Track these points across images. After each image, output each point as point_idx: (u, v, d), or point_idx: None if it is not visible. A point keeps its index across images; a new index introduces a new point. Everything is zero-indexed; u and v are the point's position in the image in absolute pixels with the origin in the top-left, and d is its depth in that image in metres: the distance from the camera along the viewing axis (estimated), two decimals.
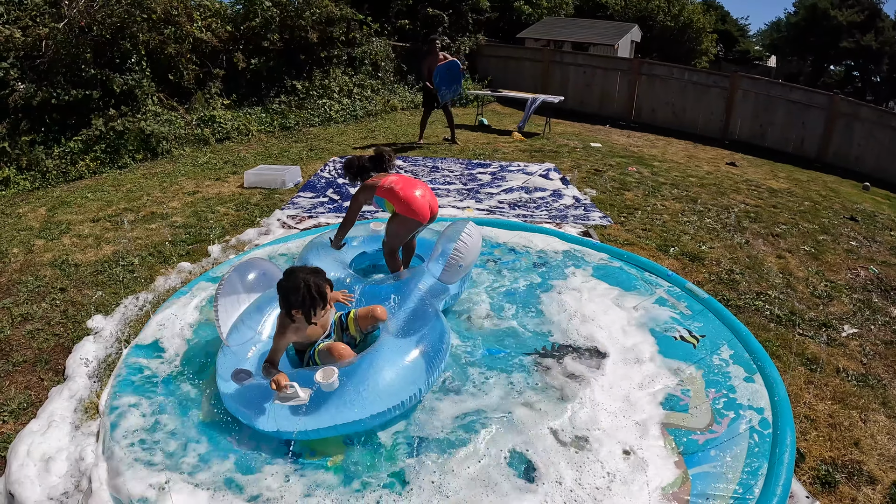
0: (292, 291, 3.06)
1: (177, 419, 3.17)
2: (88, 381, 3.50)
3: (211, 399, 3.32)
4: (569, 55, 18.20)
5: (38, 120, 9.02)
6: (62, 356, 3.84)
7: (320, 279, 3.12)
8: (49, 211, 6.88)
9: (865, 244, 7.18)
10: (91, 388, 3.45)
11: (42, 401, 3.39)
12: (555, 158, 10.44)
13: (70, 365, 3.65)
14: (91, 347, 3.83)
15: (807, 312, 4.98)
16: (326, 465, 2.90)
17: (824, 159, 13.98)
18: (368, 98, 14.81)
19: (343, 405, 3.00)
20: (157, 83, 10.48)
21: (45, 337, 4.09)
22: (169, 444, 2.98)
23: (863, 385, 3.97)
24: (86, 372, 3.56)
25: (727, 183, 9.79)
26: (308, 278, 3.07)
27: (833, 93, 14.25)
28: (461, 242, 3.90)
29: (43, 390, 3.51)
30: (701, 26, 27.79)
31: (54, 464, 2.83)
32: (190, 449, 2.96)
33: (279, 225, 6.33)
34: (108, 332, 4.04)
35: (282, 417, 2.97)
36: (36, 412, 3.27)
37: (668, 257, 5.89)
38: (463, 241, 3.91)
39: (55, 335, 4.11)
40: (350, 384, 3.05)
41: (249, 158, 9.64)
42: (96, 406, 3.29)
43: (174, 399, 3.33)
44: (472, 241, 3.98)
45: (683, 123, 15.83)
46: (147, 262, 5.31)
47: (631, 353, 3.88)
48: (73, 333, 4.11)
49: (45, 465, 2.82)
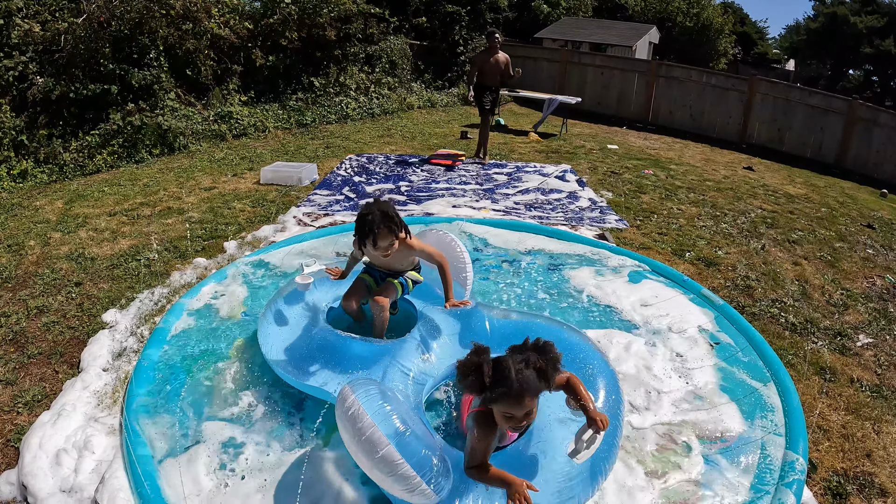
0: None
1: (195, 413, 3.20)
2: (103, 373, 3.54)
3: (229, 395, 3.34)
4: (586, 56, 18.14)
5: (56, 114, 9.10)
6: (77, 349, 3.87)
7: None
8: (66, 204, 6.95)
9: (882, 252, 7.11)
10: (106, 381, 3.49)
11: (56, 393, 3.42)
12: (571, 160, 10.40)
13: (85, 358, 3.68)
14: (106, 341, 3.86)
15: (822, 321, 4.93)
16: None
17: (842, 165, 13.83)
18: (385, 96, 14.84)
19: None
20: (175, 79, 10.55)
21: (61, 330, 4.13)
22: (185, 438, 3.01)
23: (877, 396, 3.93)
24: (100, 365, 3.59)
25: (744, 188, 9.71)
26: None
27: (852, 98, 14.10)
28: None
29: (57, 383, 3.55)
30: (720, 28, 27.58)
31: (66, 456, 2.85)
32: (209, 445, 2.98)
33: (295, 222, 6.35)
34: (124, 327, 4.07)
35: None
36: (50, 404, 3.30)
37: (683, 262, 5.85)
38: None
39: (70, 328, 4.15)
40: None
41: (266, 155, 9.69)
42: (111, 399, 3.32)
43: (192, 392, 3.36)
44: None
45: (701, 126, 15.72)
46: (163, 257, 5.35)
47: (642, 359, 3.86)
48: (87, 327, 4.14)
49: (57, 458, 2.85)
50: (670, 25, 26.02)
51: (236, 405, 3.27)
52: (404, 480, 2.22)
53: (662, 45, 25.57)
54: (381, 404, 2.38)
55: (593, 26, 23.38)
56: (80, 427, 3.05)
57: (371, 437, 2.25)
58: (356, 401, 2.36)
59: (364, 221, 3.30)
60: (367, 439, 2.25)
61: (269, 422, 3.16)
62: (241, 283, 4.71)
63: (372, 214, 3.28)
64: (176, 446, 2.96)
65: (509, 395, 2.23)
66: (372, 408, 2.34)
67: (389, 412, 2.36)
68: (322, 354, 3.26)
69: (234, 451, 2.94)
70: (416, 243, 3.53)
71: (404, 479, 2.22)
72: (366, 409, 2.32)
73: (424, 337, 3.35)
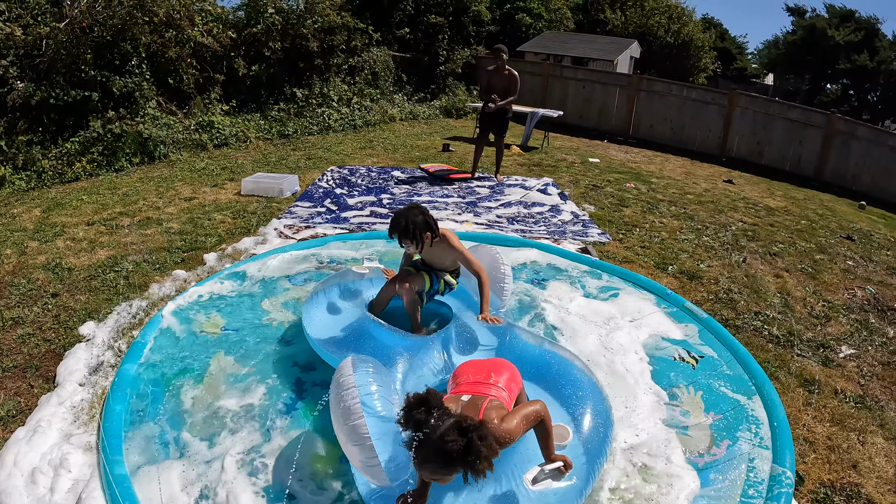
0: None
1: (173, 428, 3.13)
2: (80, 388, 3.44)
3: (208, 410, 3.27)
4: (568, 69, 18.25)
5: (36, 119, 8.97)
6: (53, 363, 3.78)
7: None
8: (44, 212, 6.83)
9: (862, 264, 7.19)
10: (83, 396, 3.39)
11: (32, 408, 3.33)
12: (553, 173, 10.44)
13: (61, 372, 3.59)
14: (83, 355, 3.77)
15: (804, 333, 4.96)
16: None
17: (821, 178, 14.02)
18: (367, 108, 14.81)
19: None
20: (156, 87, 10.44)
21: (36, 342, 4.02)
22: (164, 456, 2.93)
23: (861, 407, 3.95)
24: (77, 379, 3.50)
25: (725, 201, 9.80)
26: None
27: (831, 112, 14.32)
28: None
29: (33, 397, 3.45)
30: (701, 44, 27.94)
31: (42, 475, 2.76)
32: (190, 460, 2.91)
33: (276, 234, 6.28)
34: (101, 340, 3.98)
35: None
36: (25, 420, 3.21)
37: (666, 275, 5.87)
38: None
39: (46, 341, 4.05)
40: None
41: (247, 165, 9.61)
42: (88, 415, 3.23)
43: (170, 409, 3.28)
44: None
45: (681, 140, 15.87)
46: (142, 269, 5.25)
47: (629, 372, 3.85)
48: (64, 340, 4.05)
49: (32, 476, 2.76)
50: (651, 40, 26.30)
51: (215, 422, 3.20)
52: (363, 452, 2.43)
53: (644, 59, 25.82)
54: (370, 382, 2.63)
55: (575, 40, 23.55)
56: (56, 444, 2.95)
57: (349, 406, 2.49)
58: (351, 373, 2.63)
59: (391, 225, 3.83)
60: (346, 407, 2.50)
61: (249, 438, 3.09)
62: (220, 296, 4.64)
63: (400, 219, 3.80)
64: (154, 464, 2.88)
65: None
66: (361, 382, 2.59)
67: (374, 392, 2.59)
68: (356, 338, 3.60)
69: (215, 469, 2.87)
70: (457, 245, 3.94)
71: (364, 451, 2.43)
72: (356, 381, 2.57)
73: (447, 340, 3.61)
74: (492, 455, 2.17)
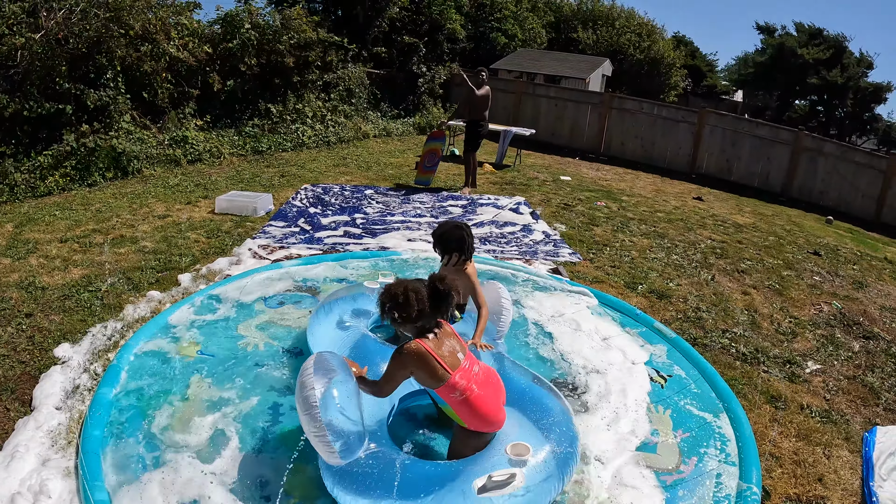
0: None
1: (151, 451, 3.13)
2: (56, 412, 3.43)
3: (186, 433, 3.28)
4: (541, 87, 18.47)
5: (9, 131, 8.85)
6: (29, 385, 3.75)
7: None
8: (16, 227, 6.75)
9: (829, 279, 7.39)
10: (60, 420, 3.38)
11: (8, 433, 3.30)
12: (525, 192, 10.56)
13: (37, 395, 3.57)
14: (59, 378, 3.75)
15: (771, 349, 5.11)
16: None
17: (789, 193, 14.42)
18: (341, 124, 14.83)
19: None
20: (131, 100, 10.36)
21: (11, 364, 3.99)
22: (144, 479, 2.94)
23: (826, 421, 4.09)
24: (53, 403, 3.48)
25: (694, 218, 10.00)
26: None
27: (798, 129, 14.72)
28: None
29: (9, 421, 3.42)
30: (671, 62, 28.47)
31: (22, 500, 2.75)
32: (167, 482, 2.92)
33: (250, 255, 6.26)
34: (76, 363, 3.95)
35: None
36: (2, 445, 3.19)
37: (636, 295, 5.99)
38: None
39: (21, 363, 4.02)
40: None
41: (221, 182, 9.58)
42: (66, 439, 3.23)
43: (148, 432, 3.29)
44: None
45: (652, 157, 16.16)
46: (116, 289, 5.23)
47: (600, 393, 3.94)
48: (39, 362, 4.02)
49: (12, 501, 2.74)
50: (622, 58, 26.74)
51: (194, 444, 3.21)
52: (312, 422, 2.71)
53: (615, 77, 26.23)
54: (330, 369, 2.93)
55: (548, 58, 23.84)
56: (34, 470, 2.94)
57: (304, 381, 2.80)
58: (312, 362, 2.90)
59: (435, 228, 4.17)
60: (301, 382, 2.81)
61: (230, 460, 3.11)
62: (195, 318, 4.64)
63: (444, 227, 4.15)
64: (135, 488, 2.88)
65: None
66: (321, 371, 2.87)
67: (330, 380, 2.89)
68: (352, 352, 3.80)
69: (194, 491, 2.89)
70: (473, 278, 4.03)
71: (312, 422, 2.71)
72: (313, 370, 2.84)
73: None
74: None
